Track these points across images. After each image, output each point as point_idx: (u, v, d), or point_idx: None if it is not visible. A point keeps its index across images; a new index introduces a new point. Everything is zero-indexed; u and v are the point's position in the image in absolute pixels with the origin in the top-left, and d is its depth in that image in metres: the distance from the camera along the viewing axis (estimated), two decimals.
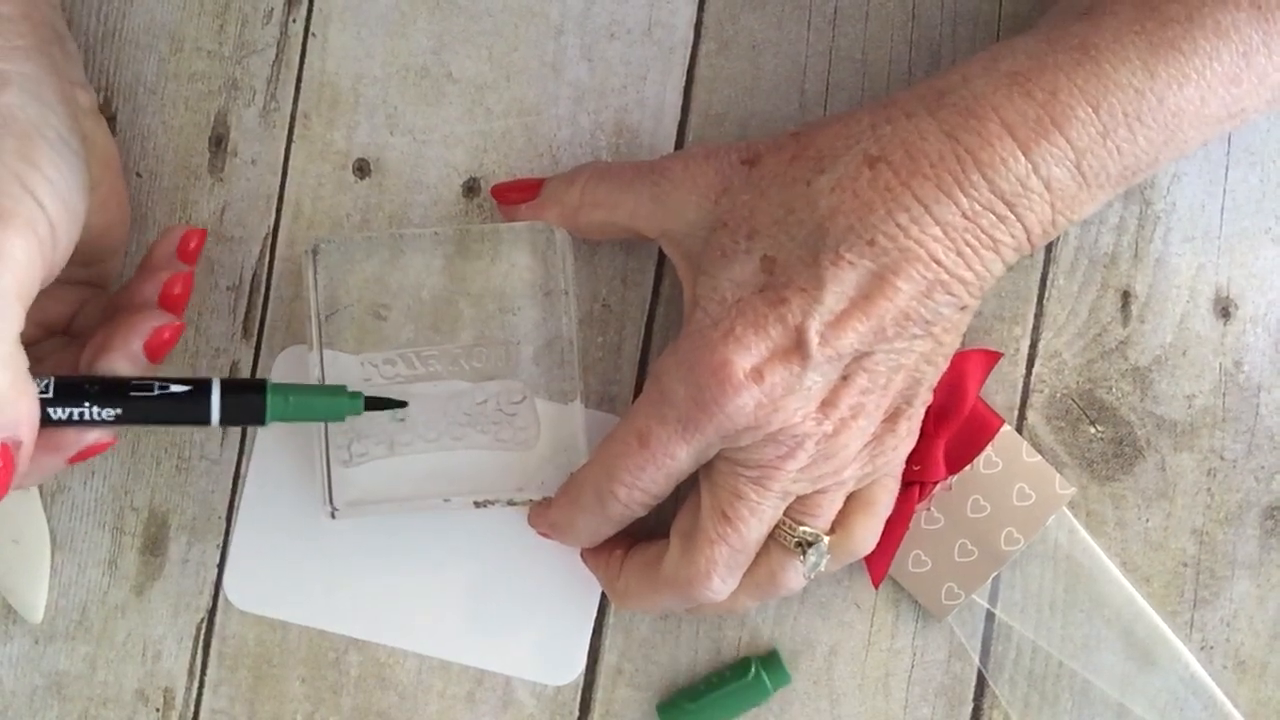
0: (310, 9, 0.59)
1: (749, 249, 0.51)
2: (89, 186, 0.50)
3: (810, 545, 0.53)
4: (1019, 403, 0.59)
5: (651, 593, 0.55)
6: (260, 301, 0.59)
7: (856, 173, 0.49)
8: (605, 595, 0.59)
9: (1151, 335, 0.59)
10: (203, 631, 0.59)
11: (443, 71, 0.59)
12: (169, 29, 0.59)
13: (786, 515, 0.53)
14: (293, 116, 0.59)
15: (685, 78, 0.59)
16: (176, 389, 0.50)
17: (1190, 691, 0.59)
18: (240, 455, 0.59)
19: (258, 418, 0.51)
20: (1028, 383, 0.59)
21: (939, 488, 0.58)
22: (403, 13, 0.59)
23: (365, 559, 0.59)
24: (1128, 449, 0.59)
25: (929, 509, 0.58)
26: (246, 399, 0.51)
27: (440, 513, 0.57)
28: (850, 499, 0.54)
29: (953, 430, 0.57)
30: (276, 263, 0.59)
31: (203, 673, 0.59)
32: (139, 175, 0.59)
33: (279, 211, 0.59)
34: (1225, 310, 0.59)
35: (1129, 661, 0.59)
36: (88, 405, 0.49)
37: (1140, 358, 0.59)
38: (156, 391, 0.50)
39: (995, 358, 0.58)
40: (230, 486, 0.59)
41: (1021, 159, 0.48)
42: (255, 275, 0.59)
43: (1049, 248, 0.59)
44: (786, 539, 0.53)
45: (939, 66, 0.59)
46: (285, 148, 0.59)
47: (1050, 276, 0.59)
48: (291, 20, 0.59)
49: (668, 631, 0.59)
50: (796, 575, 0.54)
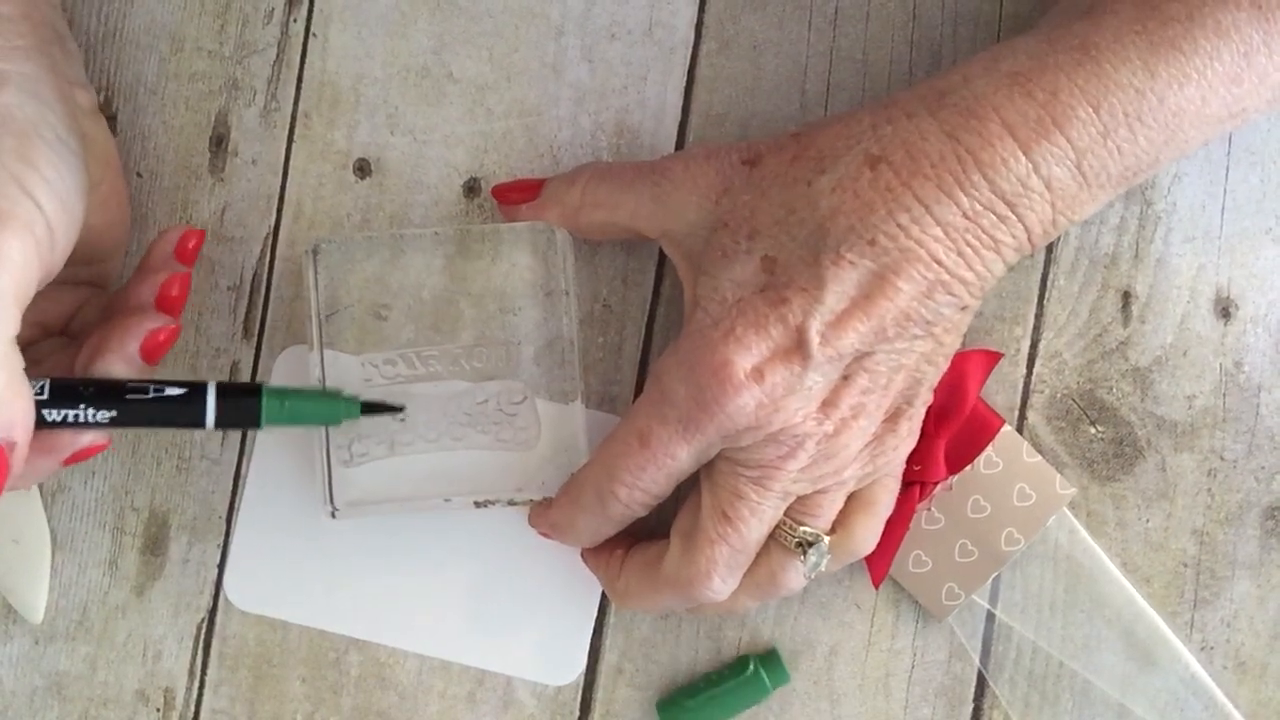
0: (311, 9, 0.59)
1: (750, 249, 0.51)
2: (88, 187, 0.50)
3: (811, 545, 0.53)
4: (1019, 403, 0.59)
5: (652, 593, 0.55)
6: (261, 301, 0.59)
7: (857, 173, 0.49)
8: (606, 595, 0.59)
9: (1152, 335, 0.59)
10: (203, 631, 0.59)
11: (443, 72, 0.59)
12: (170, 29, 0.59)
13: (787, 515, 0.53)
14: (293, 116, 0.59)
15: (686, 78, 0.59)
16: (172, 392, 0.50)
17: (1190, 692, 0.59)
18: (241, 455, 0.59)
19: (253, 422, 0.51)
20: (1028, 383, 0.59)
21: (939, 488, 0.58)
22: (403, 13, 0.59)
23: (366, 559, 0.59)
24: (1128, 449, 0.59)
25: (929, 509, 0.58)
26: (242, 403, 0.51)
27: (441, 513, 0.57)
28: (851, 499, 0.54)
29: (953, 430, 0.57)
30: (277, 263, 0.59)
31: (203, 673, 0.59)
32: (139, 175, 0.59)
33: (279, 211, 0.59)
34: (1226, 310, 0.59)
35: (1129, 662, 0.59)
36: (83, 407, 0.49)
37: (1141, 358, 0.59)
38: (152, 394, 0.50)
39: (996, 358, 0.58)
40: (231, 486, 0.59)
41: (1022, 159, 0.48)
42: (256, 275, 0.59)
43: (1049, 248, 0.59)
44: (787, 539, 0.53)
45: (940, 67, 0.59)
46: (286, 148, 0.59)
47: (1051, 277, 0.59)
48: (292, 20, 0.59)
49: (668, 631, 0.59)
50: (797, 575, 0.54)
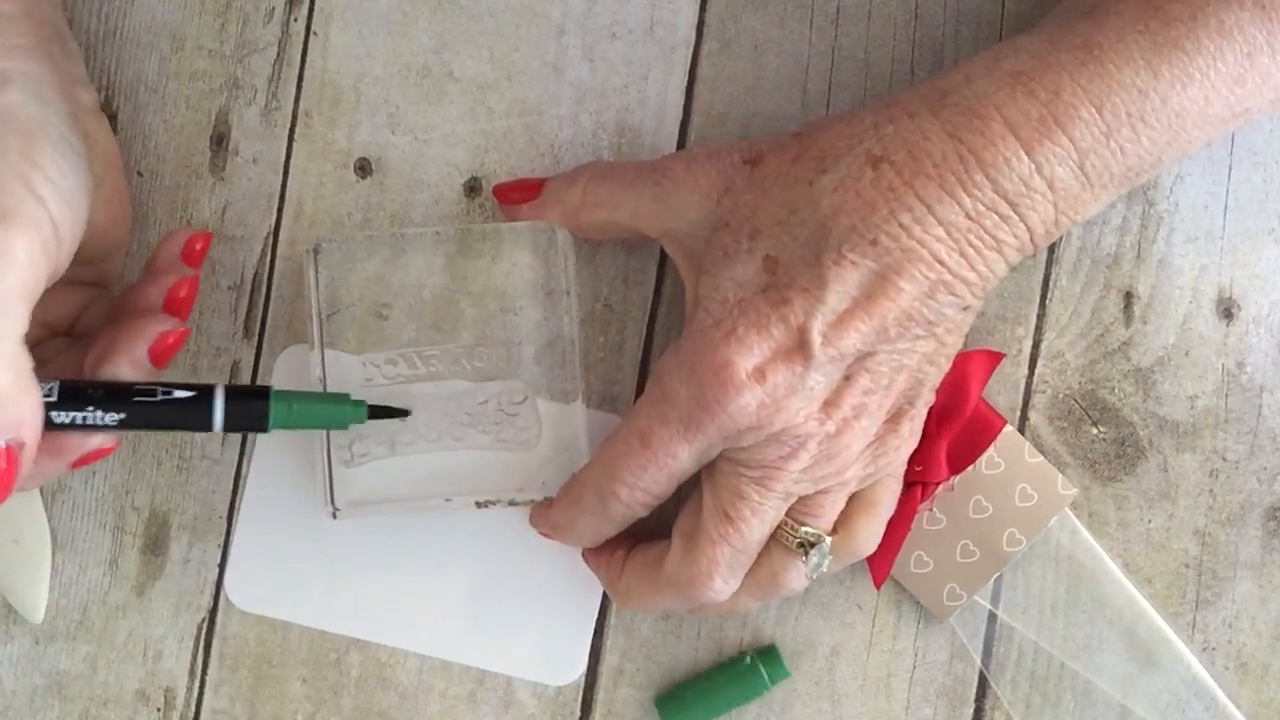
0: (312, 8, 0.59)
1: (751, 249, 0.51)
2: (91, 185, 0.50)
3: (812, 546, 0.53)
4: (1021, 403, 0.59)
5: (653, 593, 0.55)
6: (261, 301, 0.59)
7: (859, 172, 0.49)
8: (606, 595, 0.59)
9: (1154, 336, 0.59)
10: (203, 631, 0.59)
11: (444, 71, 0.59)
12: (170, 28, 0.59)
13: (788, 516, 0.53)
14: (294, 115, 0.59)
15: (687, 77, 0.59)
16: (180, 395, 0.50)
17: (1192, 693, 0.59)
18: (241, 455, 0.59)
19: (260, 425, 0.51)
20: (1030, 383, 0.59)
21: (941, 488, 0.58)
22: (404, 12, 0.59)
23: (366, 559, 0.59)
24: (1130, 450, 0.59)
25: (931, 509, 0.58)
26: (250, 406, 0.51)
27: (441, 513, 0.57)
28: (852, 499, 0.54)
29: (955, 431, 0.56)
30: (278, 262, 0.59)
31: (203, 673, 0.59)
32: (140, 174, 0.59)
33: (280, 211, 0.59)
34: (1228, 311, 0.59)
35: (1131, 662, 0.59)
36: (91, 409, 0.49)
37: (1143, 358, 0.59)
38: (160, 397, 0.50)
39: (998, 358, 0.58)
40: (231, 486, 0.59)
41: (1025, 159, 0.48)
42: (256, 275, 0.59)
43: (1052, 248, 0.59)
44: (788, 539, 0.53)
45: (942, 66, 0.59)
46: (286, 147, 0.59)
47: (1053, 277, 0.59)
48: (293, 19, 0.59)
49: (669, 632, 0.59)
50: (798, 576, 0.53)
